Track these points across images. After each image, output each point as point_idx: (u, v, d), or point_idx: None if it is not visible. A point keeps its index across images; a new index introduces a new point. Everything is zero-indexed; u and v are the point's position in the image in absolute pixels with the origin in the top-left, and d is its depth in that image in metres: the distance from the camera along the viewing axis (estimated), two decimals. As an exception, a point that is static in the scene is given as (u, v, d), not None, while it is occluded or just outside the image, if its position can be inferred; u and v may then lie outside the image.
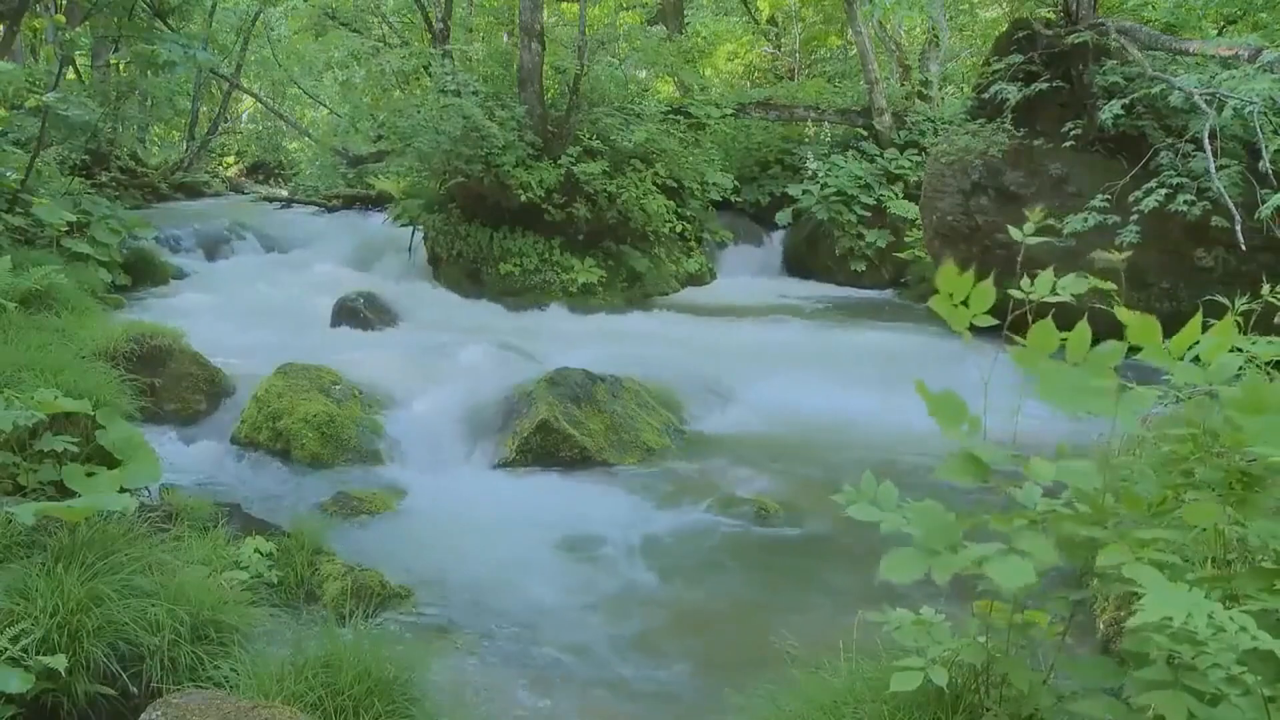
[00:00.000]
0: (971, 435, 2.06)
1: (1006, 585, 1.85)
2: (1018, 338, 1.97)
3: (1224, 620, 1.52)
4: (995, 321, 2.10)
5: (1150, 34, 8.41)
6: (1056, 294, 2.03)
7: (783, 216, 12.92)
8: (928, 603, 2.32)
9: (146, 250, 10.64)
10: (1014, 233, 2.24)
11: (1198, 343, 1.91)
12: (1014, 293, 2.03)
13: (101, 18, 10.72)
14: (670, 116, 12.55)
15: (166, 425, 5.82)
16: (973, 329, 2.10)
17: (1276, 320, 2.24)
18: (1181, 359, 1.91)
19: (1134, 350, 1.96)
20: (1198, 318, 1.88)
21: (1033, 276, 2.07)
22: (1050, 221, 2.28)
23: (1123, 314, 1.89)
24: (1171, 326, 1.93)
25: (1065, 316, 2.00)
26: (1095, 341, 1.93)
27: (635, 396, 6.30)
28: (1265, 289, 2.37)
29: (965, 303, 2.09)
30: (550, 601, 4.03)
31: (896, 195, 12.29)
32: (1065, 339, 1.95)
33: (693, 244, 12.12)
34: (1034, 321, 1.96)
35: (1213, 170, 6.98)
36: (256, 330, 7.96)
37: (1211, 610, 1.51)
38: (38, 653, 2.50)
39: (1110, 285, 1.90)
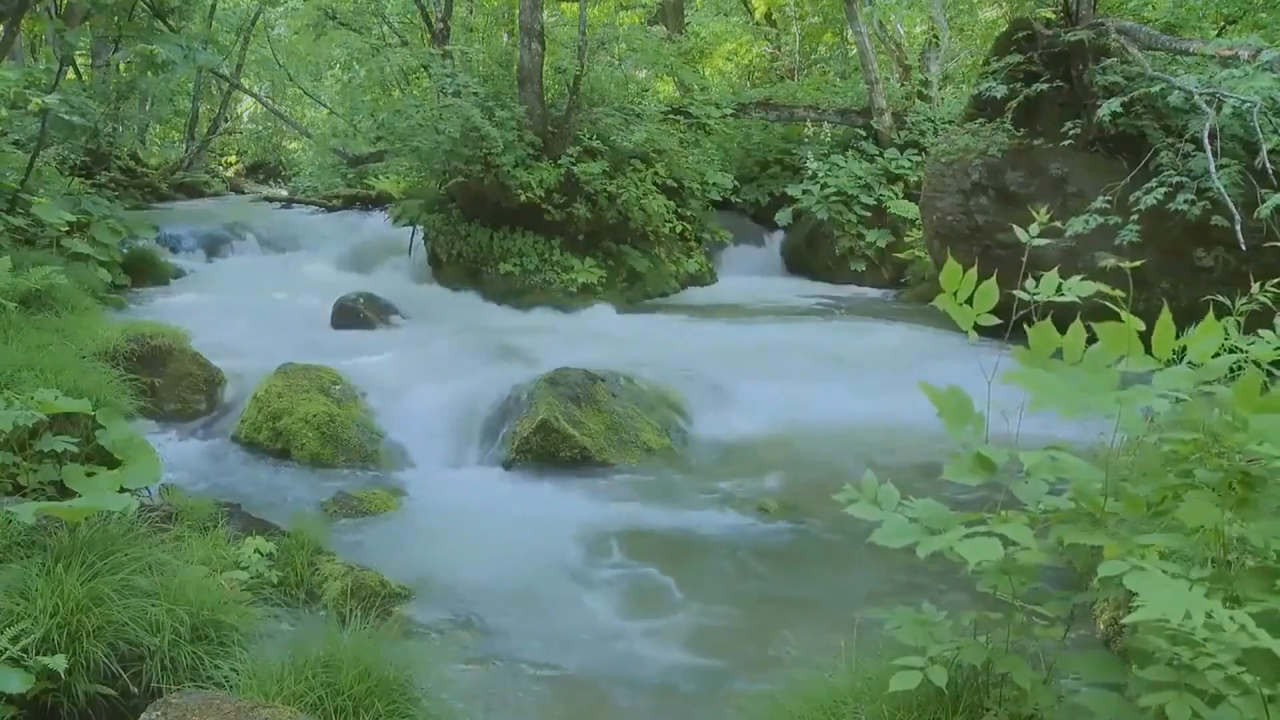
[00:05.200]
0: (975, 435, 2.06)
1: (973, 560, 1.86)
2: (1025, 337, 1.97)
3: (1223, 619, 1.51)
4: (999, 321, 2.11)
5: (1150, 34, 8.40)
6: (1062, 295, 2.04)
7: (783, 216, 12.91)
8: (928, 602, 2.32)
9: (146, 250, 10.65)
10: (1019, 233, 2.24)
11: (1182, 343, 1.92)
12: (1019, 293, 2.03)
13: (101, 18, 10.70)
14: (670, 116, 12.53)
15: (166, 425, 5.83)
16: (976, 328, 2.11)
17: (1275, 320, 2.23)
18: (1169, 362, 1.91)
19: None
20: (1166, 317, 1.87)
21: (1037, 278, 2.07)
22: (1055, 224, 2.28)
23: (1100, 328, 1.90)
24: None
25: (1068, 318, 2.00)
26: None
27: (635, 396, 6.30)
28: (1255, 287, 2.37)
29: (969, 301, 2.09)
30: (550, 601, 4.03)
31: (896, 195, 12.28)
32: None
33: (693, 244, 12.10)
34: (1037, 323, 1.96)
35: (1213, 170, 6.97)
36: (256, 330, 7.96)
37: (1210, 609, 1.51)
38: (38, 653, 2.50)
39: (1118, 293, 1.90)
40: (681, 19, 17.19)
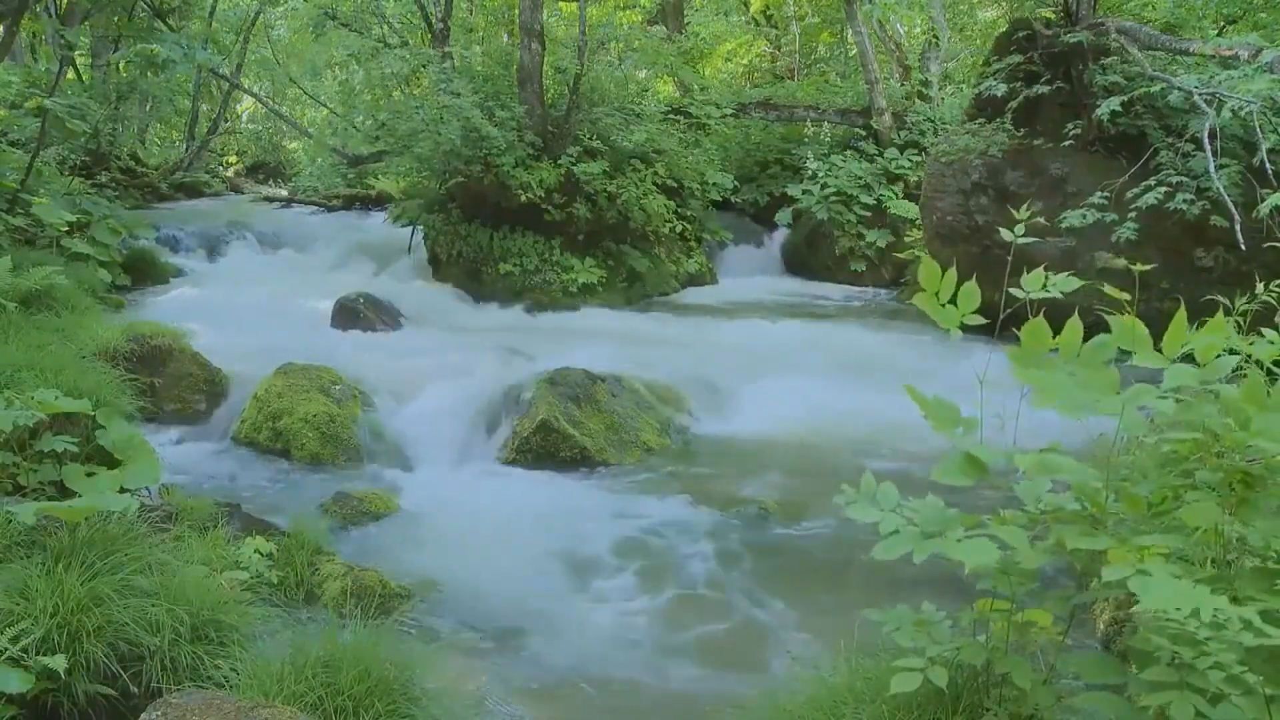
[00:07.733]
0: (967, 437, 2.06)
1: (971, 564, 1.86)
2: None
3: (1229, 616, 1.51)
4: (986, 321, 2.11)
5: (1150, 34, 8.40)
6: (1046, 291, 2.04)
7: (783, 216, 12.92)
8: (928, 602, 2.32)
9: (146, 250, 10.64)
10: (1005, 234, 2.25)
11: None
12: (1013, 291, 2.03)
13: (101, 18, 10.71)
14: (670, 116, 12.53)
15: (166, 425, 5.83)
16: (973, 327, 2.11)
17: (1277, 320, 2.23)
18: (1174, 360, 1.91)
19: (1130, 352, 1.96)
20: (1181, 314, 1.87)
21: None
22: (1040, 220, 2.28)
23: (1112, 320, 1.90)
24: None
25: (1066, 316, 2.00)
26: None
27: (635, 396, 6.30)
28: (1259, 287, 2.38)
29: (954, 301, 2.09)
30: (550, 601, 4.03)
31: (896, 195, 12.28)
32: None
33: (693, 244, 12.10)
34: (1032, 321, 1.96)
35: (1213, 169, 6.97)
36: (256, 330, 7.95)
37: (1216, 605, 1.51)
38: (38, 653, 2.50)
39: (1124, 295, 1.90)
40: (681, 19, 17.19)
